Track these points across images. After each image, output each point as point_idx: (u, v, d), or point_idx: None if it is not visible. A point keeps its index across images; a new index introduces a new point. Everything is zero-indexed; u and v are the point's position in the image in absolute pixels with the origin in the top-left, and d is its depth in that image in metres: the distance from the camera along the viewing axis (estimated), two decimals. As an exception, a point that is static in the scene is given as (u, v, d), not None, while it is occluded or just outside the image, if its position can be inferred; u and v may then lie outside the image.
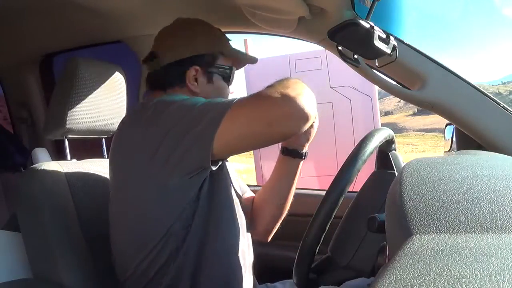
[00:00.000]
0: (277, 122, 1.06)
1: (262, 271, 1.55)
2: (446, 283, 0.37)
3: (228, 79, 1.39)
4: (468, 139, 1.42)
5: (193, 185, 1.15)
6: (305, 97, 1.06)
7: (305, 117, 1.05)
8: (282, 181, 1.43)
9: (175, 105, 1.15)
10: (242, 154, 1.48)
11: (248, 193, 1.56)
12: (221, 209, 1.24)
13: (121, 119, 1.32)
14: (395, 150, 1.29)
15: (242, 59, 1.43)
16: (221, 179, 1.26)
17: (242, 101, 1.09)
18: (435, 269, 0.40)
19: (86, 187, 1.41)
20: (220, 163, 1.19)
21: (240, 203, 1.41)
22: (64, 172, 1.39)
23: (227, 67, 1.38)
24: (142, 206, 1.19)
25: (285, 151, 1.35)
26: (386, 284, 0.39)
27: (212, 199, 1.21)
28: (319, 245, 1.06)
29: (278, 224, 1.49)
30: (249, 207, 1.50)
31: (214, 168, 1.14)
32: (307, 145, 1.35)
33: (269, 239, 1.52)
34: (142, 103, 1.31)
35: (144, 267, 1.18)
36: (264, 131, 1.08)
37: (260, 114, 1.07)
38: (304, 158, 1.35)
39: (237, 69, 1.44)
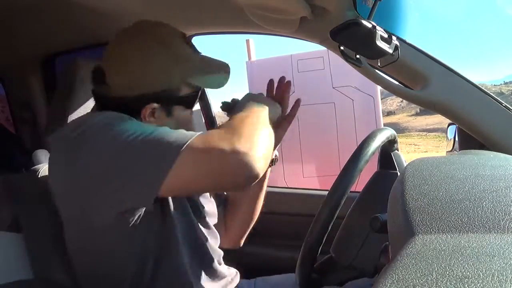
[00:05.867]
0: (222, 176, 0.97)
1: (263, 271, 1.55)
2: (448, 283, 0.37)
3: (192, 105, 1.22)
4: (470, 139, 1.42)
5: (127, 223, 1.06)
6: (259, 151, 0.97)
7: (251, 177, 0.96)
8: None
9: (111, 133, 1.00)
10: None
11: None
12: (172, 235, 1.17)
13: None
14: (398, 150, 1.29)
15: (211, 83, 1.22)
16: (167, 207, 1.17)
17: (192, 145, 0.96)
18: (438, 269, 0.40)
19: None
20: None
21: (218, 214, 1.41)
22: (66, 172, 1.39)
23: (191, 94, 1.20)
24: (83, 245, 1.14)
25: None
26: (388, 284, 0.39)
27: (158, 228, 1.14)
28: (322, 245, 1.06)
29: (248, 230, 1.49)
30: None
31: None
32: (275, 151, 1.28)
33: (241, 244, 1.52)
34: (72, 124, 1.12)
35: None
36: (208, 182, 1.01)
37: (207, 165, 0.97)
38: (272, 165, 1.31)
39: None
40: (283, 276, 1.52)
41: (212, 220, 1.36)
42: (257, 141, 0.98)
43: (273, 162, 1.32)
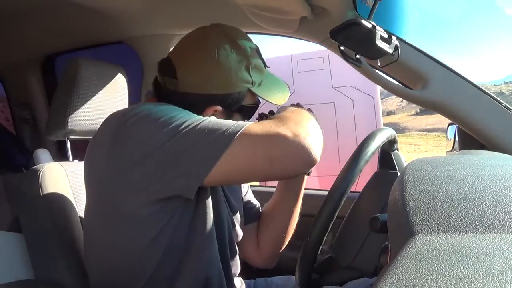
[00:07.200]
0: (280, 161, 0.99)
1: (263, 272, 1.55)
2: (448, 283, 0.37)
3: (249, 117, 1.25)
4: (470, 139, 1.42)
5: (163, 212, 1.06)
6: (315, 137, 1.01)
7: (310, 162, 0.99)
8: (286, 199, 1.39)
9: (163, 119, 1.00)
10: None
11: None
12: (202, 227, 1.14)
13: None
14: (398, 150, 1.29)
15: (273, 98, 1.23)
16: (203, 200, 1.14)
17: (248, 131, 0.98)
18: (438, 269, 0.40)
19: (88, 188, 1.41)
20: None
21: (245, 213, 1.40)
22: (66, 172, 1.40)
23: (252, 105, 1.23)
24: (107, 235, 1.11)
25: None
26: (388, 284, 0.39)
27: (190, 222, 1.12)
28: (322, 245, 1.05)
29: (282, 249, 1.45)
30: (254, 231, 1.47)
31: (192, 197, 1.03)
32: None
33: (274, 264, 1.48)
34: (125, 110, 1.11)
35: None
36: (264, 168, 1.00)
37: (265, 150, 0.98)
38: (308, 174, 1.28)
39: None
40: (283, 277, 1.51)
41: (238, 235, 1.34)
42: (311, 129, 1.02)
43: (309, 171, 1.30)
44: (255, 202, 1.50)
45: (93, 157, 1.12)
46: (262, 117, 1.28)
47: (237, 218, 1.34)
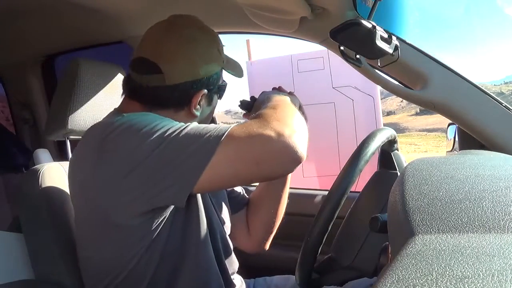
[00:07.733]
0: (266, 162, 0.98)
1: (263, 271, 1.55)
2: (448, 283, 0.37)
3: (222, 95, 1.27)
4: (470, 139, 1.42)
5: (155, 220, 1.06)
6: (300, 134, 0.99)
7: (297, 160, 0.98)
8: (273, 184, 1.40)
9: (146, 129, 1.00)
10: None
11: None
12: (195, 230, 1.15)
13: None
14: (398, 150, 1.29)
15: (237, 72, 1.30)
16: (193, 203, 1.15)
17: (232, 135, 0.97)
18: (438, 269, 0.40)
19: (88, 188, 1.41)
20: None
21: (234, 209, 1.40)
22: (66, 172, 1.40)
23: (225, 83, 1.26)
24: (94, 245, 1.12)
25: None
26: (388, 284, 0.39)
27: (182, 226, 1.13)
28: (322, 245, 1.06)
29: (274, 232, 1.46)
30: (243, 218, 1.48)
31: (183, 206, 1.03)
32: None
33: (267, 247, 1.49)
34: (106, 123, 1.09)
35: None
36: (251, 171, 0.99)
37: (251, 153, 0.97)
38: None
39: None
40: (283, 277, 1.51)
41: (228, 228, 1.35)
42: (296, 125, 1.01)
43: None
44: (239, 189, 1.50)
45: (78, 172, 1.12)
46: (244, 104, 1.33)
47: (225, 213, 1.35)
